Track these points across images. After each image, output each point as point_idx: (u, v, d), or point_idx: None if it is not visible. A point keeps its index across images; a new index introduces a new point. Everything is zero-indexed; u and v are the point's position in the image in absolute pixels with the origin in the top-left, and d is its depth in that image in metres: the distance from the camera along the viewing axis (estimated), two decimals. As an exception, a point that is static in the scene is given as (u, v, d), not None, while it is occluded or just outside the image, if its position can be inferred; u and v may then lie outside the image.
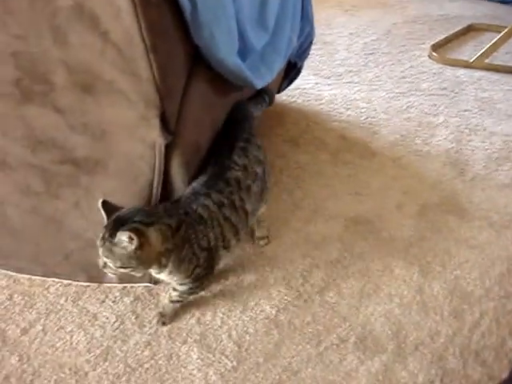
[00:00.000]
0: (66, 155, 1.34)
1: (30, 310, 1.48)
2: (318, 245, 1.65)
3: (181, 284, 1.37)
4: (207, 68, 1.33)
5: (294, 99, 2.29)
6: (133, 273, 1.25)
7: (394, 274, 1.57)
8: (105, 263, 1.23)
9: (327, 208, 1.76)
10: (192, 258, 1.31)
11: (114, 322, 1.44)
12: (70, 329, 1.43)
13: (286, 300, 1.50)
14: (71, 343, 1.41)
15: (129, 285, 1.52)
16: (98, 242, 1.21)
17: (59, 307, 1.48)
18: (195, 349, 1.39)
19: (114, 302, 1.49)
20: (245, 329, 1.43)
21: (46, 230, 1.46)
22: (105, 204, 1.23)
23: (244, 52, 1.41)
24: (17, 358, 1.38)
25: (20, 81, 1.25)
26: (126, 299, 1.50)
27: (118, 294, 1.51)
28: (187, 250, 1.29)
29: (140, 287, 1.51)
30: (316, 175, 1.88)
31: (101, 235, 1.21)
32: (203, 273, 1.37)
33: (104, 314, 1.47)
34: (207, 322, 1.44)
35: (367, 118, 2.22)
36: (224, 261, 1.54)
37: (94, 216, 1.29)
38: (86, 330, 1.43)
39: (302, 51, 1.98)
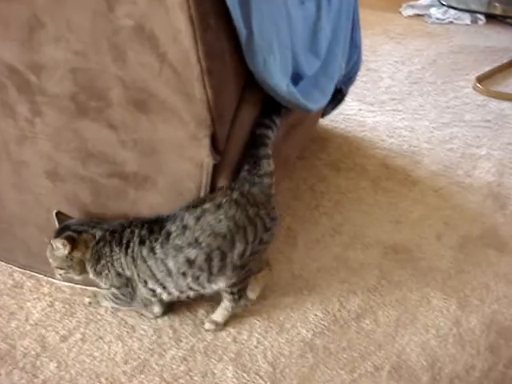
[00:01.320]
0: (115, 169, 1.38)
1: (70, 319, 1.51)
2: (356, 271, 1.65)
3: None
4: (259, 92, 1.36)
5: (337, 124, 2.30)
6: (69, 274, 1.43)
7: (432, 305, 1.56)
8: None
9: (366, 235, 1.77)
10: (107, 276, 1.40)
11: (152, 336, 1.47)
12: (108, 339, 1.46)
13: (322, 324, 1.50)
14: (109, 353, 1.43)
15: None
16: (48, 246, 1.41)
17: (99, 317, 1.51)
18: (230, 367, 1.40)
19: (151, 315, 1.52)
20: (280, 350, 1.44)
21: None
22: (58, 214, 1.43)
23: (296, 77, 1.43)
24: (55, 365, 1.41)
25: (77, 96, 1.29)
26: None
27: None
28: (103, 265, 1.39)
29: (178, 302, 1.53)
30: (356, 201, 1.89)
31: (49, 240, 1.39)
32: (121, 297, 1.43)
33: (142, 326, 1.49)
34: (243, 341, 1.46)
35: (409, 146, 2.23)
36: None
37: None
38: (123, 342, 1.46)
39: (349, 78, 2.00)
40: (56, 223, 1.43)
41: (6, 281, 1.61)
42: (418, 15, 3.70)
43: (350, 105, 2.45)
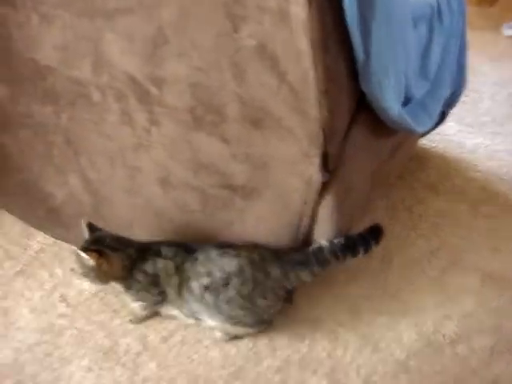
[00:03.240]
0: (225, 181, 1.43)
1: (171, 320, 1.57)
2: (452, 296, 1.64)
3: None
4: (369, 114, 1.38)
5: (435, 144, 2.28)
6: (92, 283, 1.48)
7: (530, 336, 1.54)
8: (73, 268, 1.48)
9: (464, 260, 1.75)
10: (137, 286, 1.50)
11: (248, 343, 1.51)
12: (206, 343, 1.51)
13: (416, 346, 1.50)
14: (206, 357, 1.48)
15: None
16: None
17: (197, 322, 1.57)
18: (324, 382, 1.42)
19: (249, 323, 1.56)
20: (374, 369, 1.45)
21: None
22: (89, 224, 1.49)
23: (405, 100, 1.44)
24: (155, 364, 1.47)
25: (194, 109, 1.35)
26: (260, 323, 1.56)
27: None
28: (134, 280, 1.48)
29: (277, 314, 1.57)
30: (454, 225, 1.87)
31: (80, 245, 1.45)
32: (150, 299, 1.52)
33: (239, 333, 1.54)
34: (337, 357, 1.47)
35: (509, 170, 2.18)
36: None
37: (247, 235, 1.43)
38: (221, 347, 1.50)
39: (452, 100, 1.98)
40: (86, 233, 1.48)
41: (110, 279, 1.69)
42: (520, 36, 3.61)
43: (448, 125, 2.41)
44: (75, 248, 1.47)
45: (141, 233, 1.60)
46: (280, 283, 1.46)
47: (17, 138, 1.66)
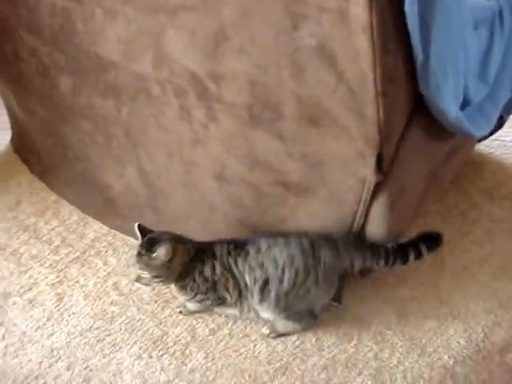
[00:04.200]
0: (279, 178, 1.45)
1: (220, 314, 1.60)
2: (503, 303, 1.61)
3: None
4: (426, 116, 1.37)
5: (492, 150, 2.24)
6: (163, 283, 1.50)
7: None
8: (138, 276, 1.46)
9: (517, 267, 1.72)
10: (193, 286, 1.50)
11: (295, 340, 1.52)
12: (253, 338, 1.53)
13: (464, 353, 1.49)
14: (253, 352, 1.50)
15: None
16: (134, 258, 1.45)
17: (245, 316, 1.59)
18: (369, 382, 1.42)
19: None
20: (420, 373, 1.44)
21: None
22: (140, 226, 1.48)
23: (463, 103, 1.43)
24: (203, 355, 1.50)
25: (251, 106, 1.37)
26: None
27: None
28: (190, 278, 1.49)
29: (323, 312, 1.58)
30: (508, 232, 1.83)
31: (137, 252, 1.44)
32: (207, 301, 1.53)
33: (286, 330, 1.55)
34: (384, 359, 1.47)
35: None
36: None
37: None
38: (268, 342, 1.52)
39: (511, 105, 1.95)
40: (139, 235, 1.47)
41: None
42: None
43: (506, 130, 2.36)
44: (133, 253, 1.47)
45: (194, 227, 1.64)
46: (332, 268, 1.46)
47: (78, 129, 1.71)
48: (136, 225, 1.48)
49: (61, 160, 1.86)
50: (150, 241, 1.46)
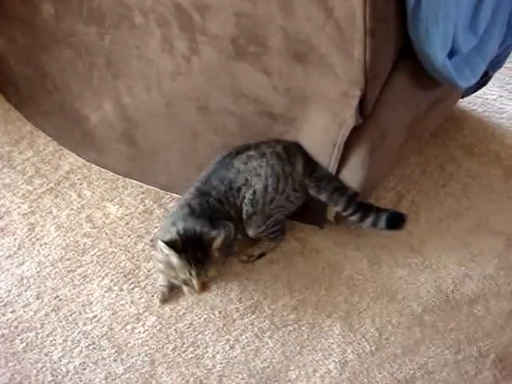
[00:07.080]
0: (264, 109, 1.45)
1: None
2: (474, 256, 1.63)
3: None
4: (412, 63, 1.36)
5: (474, 107, 2.24)
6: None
7: (549, 303, 1.53)
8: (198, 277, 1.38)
9: (491, 222, 1.73)
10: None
11: (267, 281, 1.53)
12: (226, 277, 1.53)
13: (433, 302, 1.50)
14: (225, 289, 1.51)
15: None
16: (190, 270, 1.36)
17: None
18: (338, 324, 1.44)
19: (269, 261, 1.57)
20: (388, 319, 1.46)
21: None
22: (168, 244, 1.36)
23: (451, 52, 1.42)
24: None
25: (237, 39, 1.34)
26: (280, 261, 1.57)
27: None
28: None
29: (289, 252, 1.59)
30: (485, 188, 1.84)
31: (187, 260, 1.36)
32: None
33: (259, 270, 1.55)
34: (354, 303, 1.49)
35: (547, 141, 2.14)
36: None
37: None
38: (240, 281, 1.53)
39: (498, 61, 1.93)
40: (172, 252, 1.36)
41: (137, 206, 1.69)
42: None
43: (490, 89, 2.36)
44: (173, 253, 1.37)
45: (175, 157, 1.63)
46: (303, 179, 1.50)
47: (58, 57, 1.67)
48: (163, 244, 1.36)
49: (39, 90, 1.81)
50: (192, 242, 1.38)
